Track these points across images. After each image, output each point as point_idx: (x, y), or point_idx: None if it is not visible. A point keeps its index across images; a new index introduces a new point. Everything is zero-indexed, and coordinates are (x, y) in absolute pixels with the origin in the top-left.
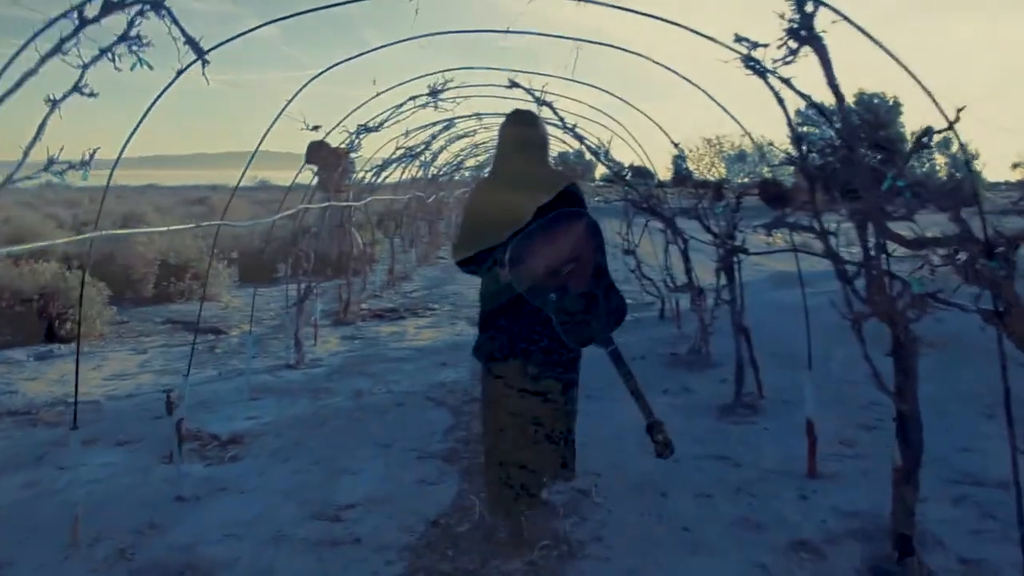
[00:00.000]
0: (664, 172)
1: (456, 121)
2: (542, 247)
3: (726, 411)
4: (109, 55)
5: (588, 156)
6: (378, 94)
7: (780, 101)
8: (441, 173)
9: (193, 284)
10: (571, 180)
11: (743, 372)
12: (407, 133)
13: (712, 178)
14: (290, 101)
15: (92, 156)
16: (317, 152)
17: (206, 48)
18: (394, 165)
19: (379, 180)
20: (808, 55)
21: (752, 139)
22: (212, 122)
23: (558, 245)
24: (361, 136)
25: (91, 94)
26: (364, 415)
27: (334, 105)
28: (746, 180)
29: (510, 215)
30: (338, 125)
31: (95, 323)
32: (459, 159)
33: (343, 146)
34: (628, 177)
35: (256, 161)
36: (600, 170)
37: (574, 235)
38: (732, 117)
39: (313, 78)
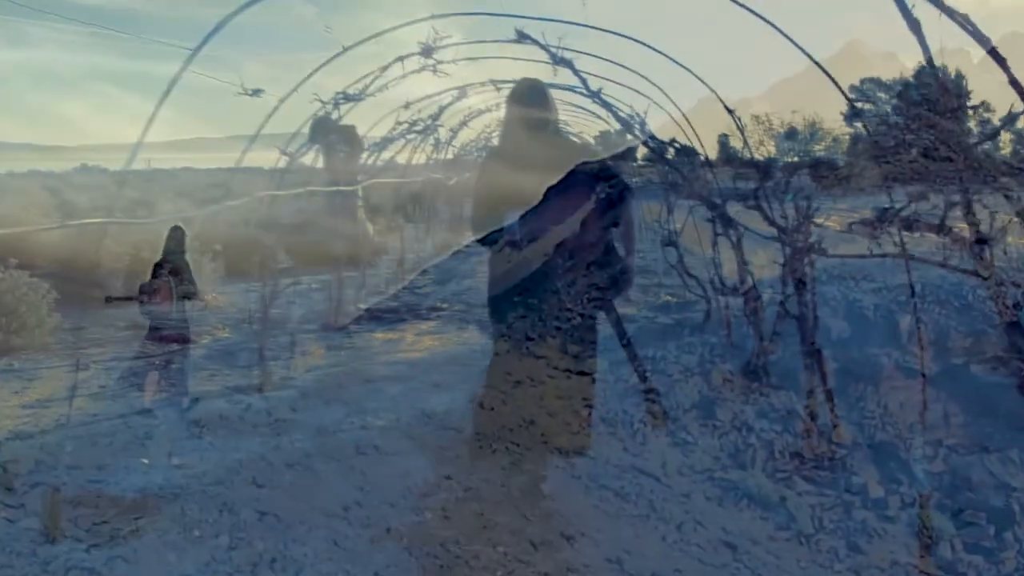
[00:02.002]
0: (710, 151)
1: (468, 91)
2: (552, 218)
3: (796, 462)
4: None
5: (630, 135)
6: (345, 49)
7: (916, 28)
8: (464, 153)
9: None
10: (581, 154)
11: (815, 408)
12: (407, 105)
13: (760, 157)
14: (202, 44)
15: None
16: (323, 130)
17: None
18: (400, 143)
19: (378, 161)
20: None
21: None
22: (246, 104)
23: (568, 217)
24: (340, 105)
25: None
26: (323, 464)
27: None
28: (796, 159)
29: (518, 194)
30: (294, 91)
31: (35, 332)
32: (482, 136)
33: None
34: (668, 156)
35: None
36: (643, 150)
37: (583, 207)
38: (818, 66)
39: (236, 12)
